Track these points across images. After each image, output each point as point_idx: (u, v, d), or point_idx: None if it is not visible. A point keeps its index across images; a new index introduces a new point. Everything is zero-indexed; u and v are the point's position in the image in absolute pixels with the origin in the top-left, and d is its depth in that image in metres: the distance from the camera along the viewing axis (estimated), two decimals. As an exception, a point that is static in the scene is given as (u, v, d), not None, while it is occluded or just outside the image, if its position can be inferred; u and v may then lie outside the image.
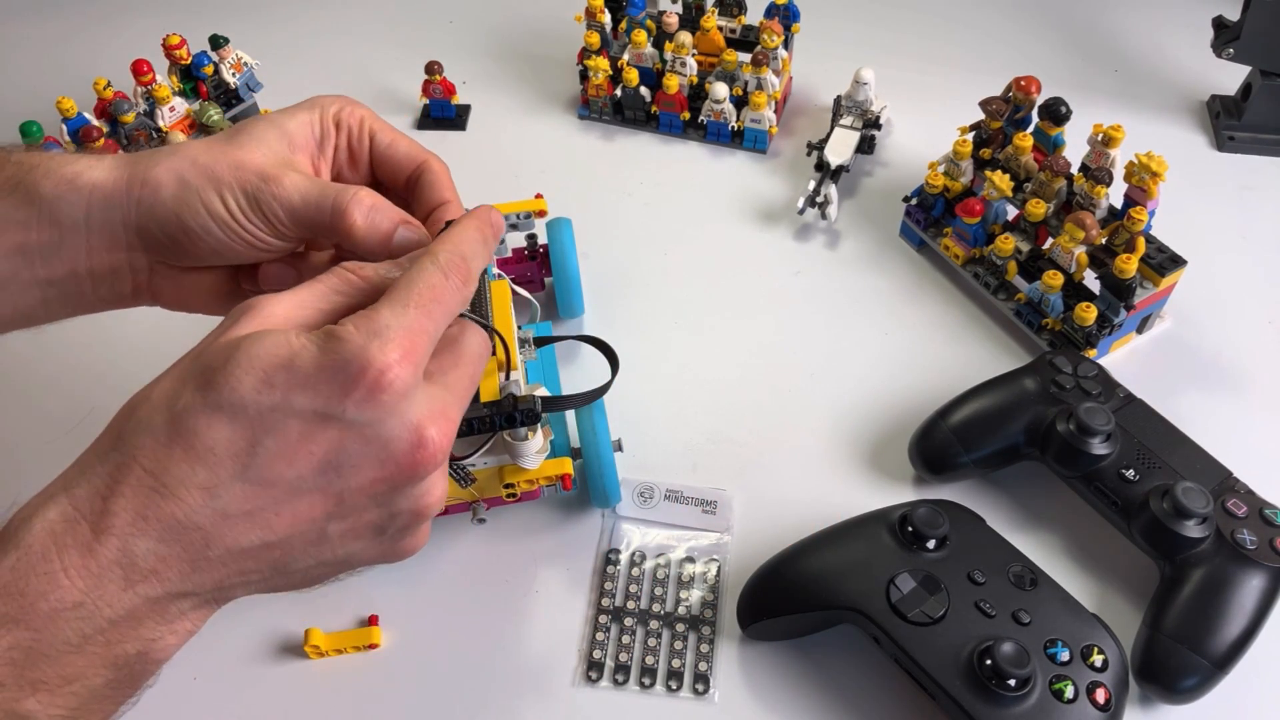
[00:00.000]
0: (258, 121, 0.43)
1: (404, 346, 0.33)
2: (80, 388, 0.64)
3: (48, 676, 0.31)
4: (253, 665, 0.53)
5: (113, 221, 0.41)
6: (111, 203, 0.41)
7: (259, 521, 0.33)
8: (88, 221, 0.41)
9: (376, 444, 0.33)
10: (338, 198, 0.40)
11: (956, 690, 0.46)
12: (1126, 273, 0.60)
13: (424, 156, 0.45)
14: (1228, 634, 0.49)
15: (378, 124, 0.44)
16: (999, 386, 0.59)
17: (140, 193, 0.41)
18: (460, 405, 0.37)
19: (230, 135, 0.42)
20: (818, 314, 0.70)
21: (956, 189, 0.69)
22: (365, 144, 0.44)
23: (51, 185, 0.41)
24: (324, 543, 0.35)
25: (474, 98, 0.85)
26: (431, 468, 0.35)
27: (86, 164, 0.42)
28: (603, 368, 0.49)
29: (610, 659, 0.53)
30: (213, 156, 0.41)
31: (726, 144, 0.81)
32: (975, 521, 0.53)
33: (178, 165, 0.41)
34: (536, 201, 0.65)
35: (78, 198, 0.41)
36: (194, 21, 0.85)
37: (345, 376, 0.32)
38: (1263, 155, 0.79)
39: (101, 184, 0.41)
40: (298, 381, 0.32)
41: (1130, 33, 0.91)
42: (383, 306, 0.35)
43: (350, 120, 0.44)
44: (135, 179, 0.41)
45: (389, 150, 0.44)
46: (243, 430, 0.32)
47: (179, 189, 0.40)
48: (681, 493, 0.59)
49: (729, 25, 0.81)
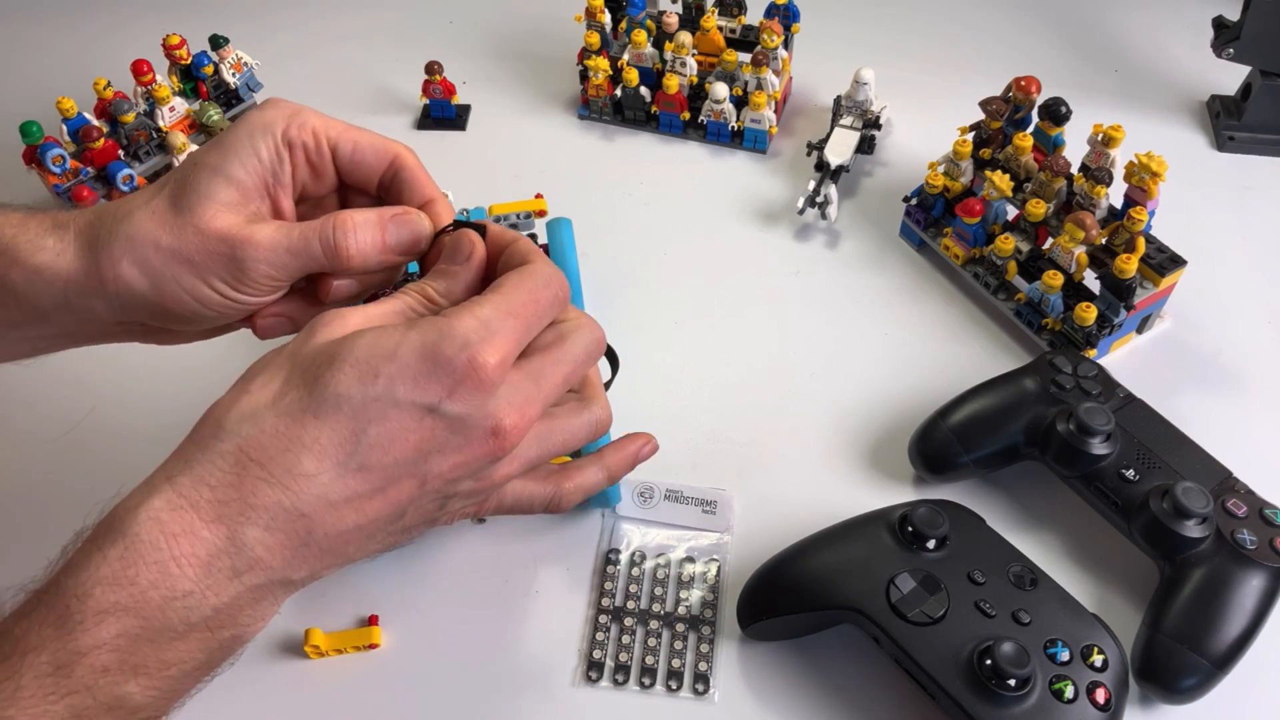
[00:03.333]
0: (199, 174, 0.40)
1: (503, 351, 0.35)
2: (80, 388, 0.64)
3: (150, 662, 0.32)
4: (253, 665, 0.53)
5: (94, 309, 0.41)
6: (88, 293, 0.40)
7: (357, 507, 0.34)
8: (68, 304, 0.41)
9: (462, 434, 0.35)
10: (323, 238, 0.40)
11: (956, 690, 0.46)
12: (1126, 273, 0.60)
13: (392, 152, 0.43)
14: (1228, 634, 0.49)
15: (334, 130, 0.42)
16: (999, 386, 0.59)
17: (115, 288, 0.40)
18: (546, 397, 0.38)
19: (174, 198, 0.39)
20: (818, 314, 0.70)
21: (956, 189, 0.69)
22: (326, 156, 0.42)
23: (21, 275, 0.40)
24: (401, 521, 0.37)
25: (474, 98, 0.85)
26: (502, 454, 0.36)
27: (51, 254, 0.40)
28: (603, 368, 0.49)
29: (610, 659, 0.53)
30: (172, 235, 0.39)
31: (726, 144, 0.81)
32: (975, 521, 0.53)
33: (141, 256, 0.39)
34: (536, 201, 0.65)
35: (51, 290, 0.40)
36: (194, 22, 0.85)
37: (448, 373, 0.34)
38: (1263, 155, 0.79)
39: (73, 279, 0.40)
40: (400, 371, 0.34)
41: (1130, 33, 0.91)
42: (487, 305, 0.36)
43: (303, 136, 0.41)
44: (106, 277, 0.39)
45: (354, 157, 0.43)
46: (348, 420, 0.33)
47: (154, 281, 0.39)
48: (681, 493, 0.59)
49: (729, 25, 0.81)
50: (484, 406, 0.35)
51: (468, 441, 0.36)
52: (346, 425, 0.33)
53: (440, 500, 0.38)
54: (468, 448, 0.36)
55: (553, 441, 0.41)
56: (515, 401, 0.36)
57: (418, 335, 0.34)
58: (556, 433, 0.41)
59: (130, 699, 0.32)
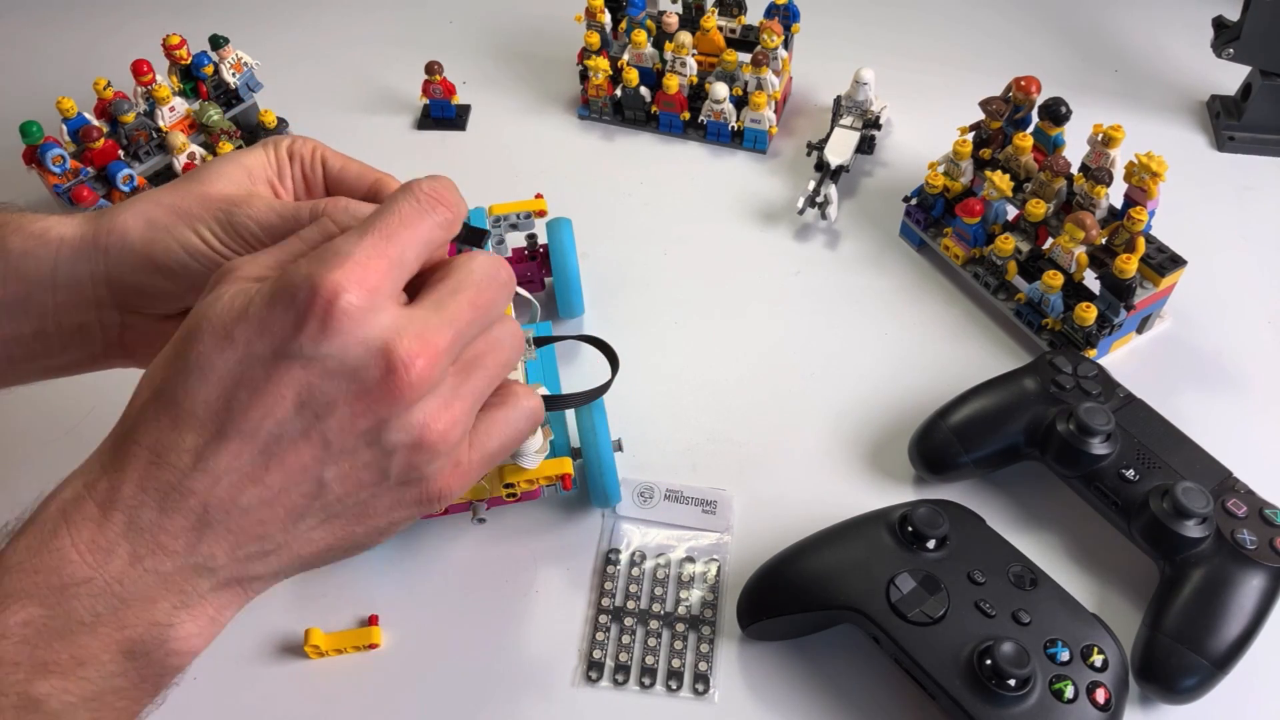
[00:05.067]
0: (218, 159, 0.43)
1: (356, 270, 0.32)
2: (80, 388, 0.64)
3: (60, 658, 0.31)
4: (253, 665, 0.53)
5: (80, 276, 0.41)
6: (79, 256, 0.40)
7: (250, 476, 0.32)
8: (54, 277, 0.41)
9: (343, 376, 0.32)
10: (314, 208, 0.40)
11: (956, 690, 0.46)
12: (1126, 273, 0.60)
13: (375, 175, 0.44)
14: (1228, 634, 0.49)
15: (328, 152, 0.44)
16: (999, 386, 0.59)
17: (107, 240, 0.40)
18: (451, 327, 0.34)
19: (192, 174, 0.42)
20: (817, 314, 0.70)
21: (956, 189, 0.69)
22: (318, 171, 0.44)
23: (20, 241, 0.41)
24: (325, 493, 0.34)
25: (474, 98, 0.85)
26: (411, 392, 0.32)
27: (56, 220, 0.41)
28: (602, 367, 0.49)
29: (610, 659, 0.53)
30: (178, 195, 0.40)
31: (726, 144, 0.81)
32: (975, 521, 0.53)
33: (144, 209, 0.40)
34: (536, 201, 0.65)
35: (45, 252, 0.40)
36: (194, 22, 0.85)
37: (294, 310, 0.31)
38: (1263, 155, 0.79)
39: (69, 238, 0.41)
40: (254, 328, 0.32)
41: (1130, 33, 0.90)
42: (339, 238, 0.33)
43: (302, 151, 0.43)
44: (101, 229, 0.40)
45: (340, 174, 0.44)
46: (216, 388, 0.32)
47: (147, 230, 0.40)
48: (681, 493, 0.59)
49: (729, 25, 0.81)
50: (355, 335, 0.31)
51: (356, 381, 0.32)
52: (216, 393, 0.32)
53: (378, 467, 0.34)
54: (361, 390, 0.32)
55: (492, 440, 0.37)
56: (410, 329, 0.32)
57: (269, 283, 0.32)
58: (495, 428, 0.37)
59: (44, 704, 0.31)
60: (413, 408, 0.33)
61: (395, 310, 0.33)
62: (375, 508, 0.35)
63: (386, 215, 0.34)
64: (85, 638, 0.31)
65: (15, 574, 0.31)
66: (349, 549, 0.36)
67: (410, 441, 0.34)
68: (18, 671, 0.30)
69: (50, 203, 0.72)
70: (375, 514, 0.35)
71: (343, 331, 0.31)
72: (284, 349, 0.31)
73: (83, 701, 0.32)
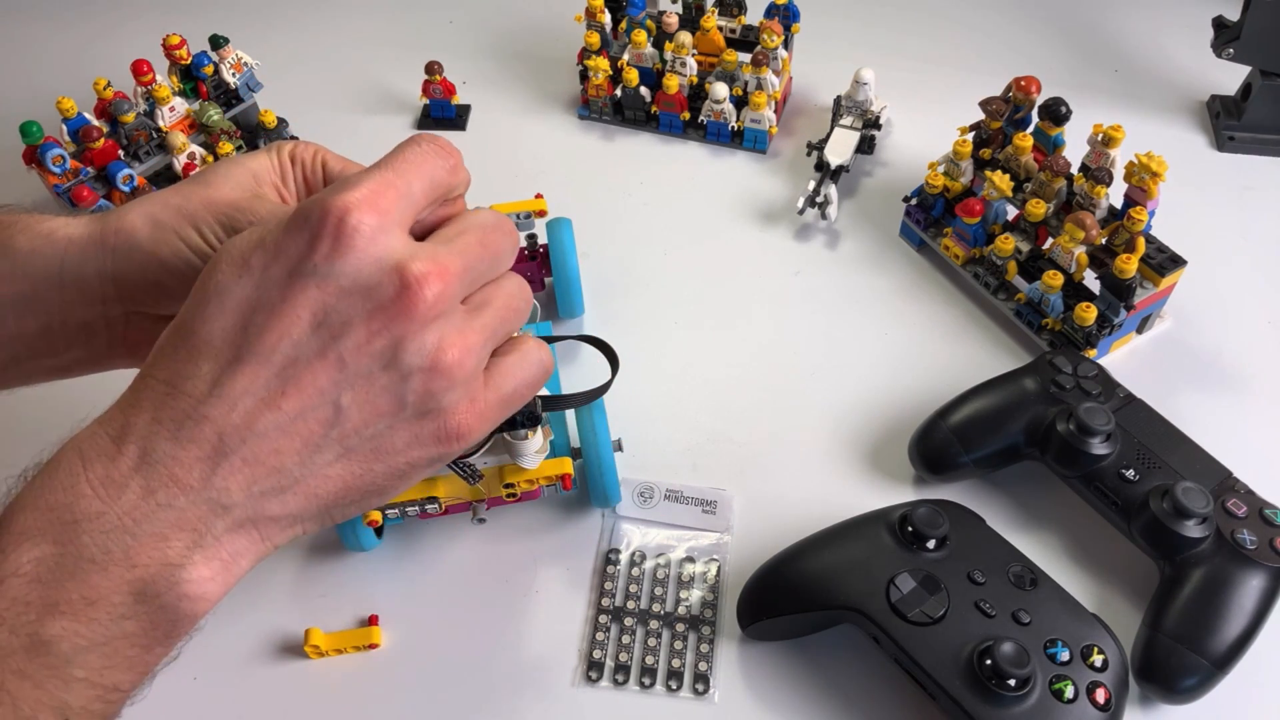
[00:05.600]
0: (222, 162, 0.43)
1: (367, 194, 0.32)
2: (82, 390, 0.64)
3: (70, 597, 0.31)
4: (253, 665, 0.53)
5: (87, 274, 0.41)
6: (86, 254, 0.41)
7: (266, 401, 0.32)
8: (61, 274, 0.41)
9: (359, 294, 0.32)
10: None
11: (956, 690, 0.46)
12: (1126, 273, 0.60)
13: None
14: (1228, 634, 0.49)
15: (330, 156, 0.44)
16: (999, 386, 0.59)
17: (115, 240, 0.41)
18: (462, 258, 0.34)
19: (197, 177, 0.43)
20: (817, 314, 0.70)
21: (956, 189, 0.69)
22: (319, 174, 0.44)
23: (27, 240, 0.41)
24: (343, 420, 0.33)
25: (474, 98, 0.85)
26: (426, 309, 0.33)
27: (63, 221, 0.42)
28: (603, 368, 0.49)
29: (610, 659, 0.53)
30: (183, 196, 0.41)
31: (726, 144, 0.81)
32: (975, 521, 0.53)
33: (150, 209, 0.41)
34: (536, 202, 0.65)
35: (52, 250, 0.41)
36: (194, 22, 0.85)
37: (308, 231, 0.32)
38: (1263, 155, 0.79)
39: (77, 237, 0.41)
40: (270, 254, 0.32)
41: (1130, 33, 0.91)
42: (349, 176, 0.34)
43: (304, 155, 0.44)
44: (109, 229, 0.41)
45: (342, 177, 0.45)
46: (232, 315, 0.32)
47: (153, 230, 0.40)
48: (681, 493, 0.59)
49: (729, 25, 0.81)
50: (369, 252, 0.32)
51: (371, 299, 0.32)
52: (233, 318, 0.32)
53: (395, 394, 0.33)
54: (377, 307, 0.32)
55: (507, 382, 0.37)
56: (422, 252, 0.33)
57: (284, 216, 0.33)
58: (509, 370, 0.37)
59: (55, 645, 0.30)
60: (427, 328, 0.33)
61: (406, 236, 0.34)
62: (393, 443, 0.34)
63: (393, 155, 0.35)
64: (96, 576, 0.31)
65: (29, 512, 0.31)
66: (367, 493, 0.35)
67: (426, 364, 0.33)
68: (29, 611, 0.30)
69: (51, 203, 0.72)
70: (393, 450, 0.35)
71: (356, 249, 0.32)
72: (299, 269, 0.32)
73: (93, 645, 0.31)
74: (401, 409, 0.34)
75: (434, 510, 0.52)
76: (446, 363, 0.34)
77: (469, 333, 0.35)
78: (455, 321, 0.34)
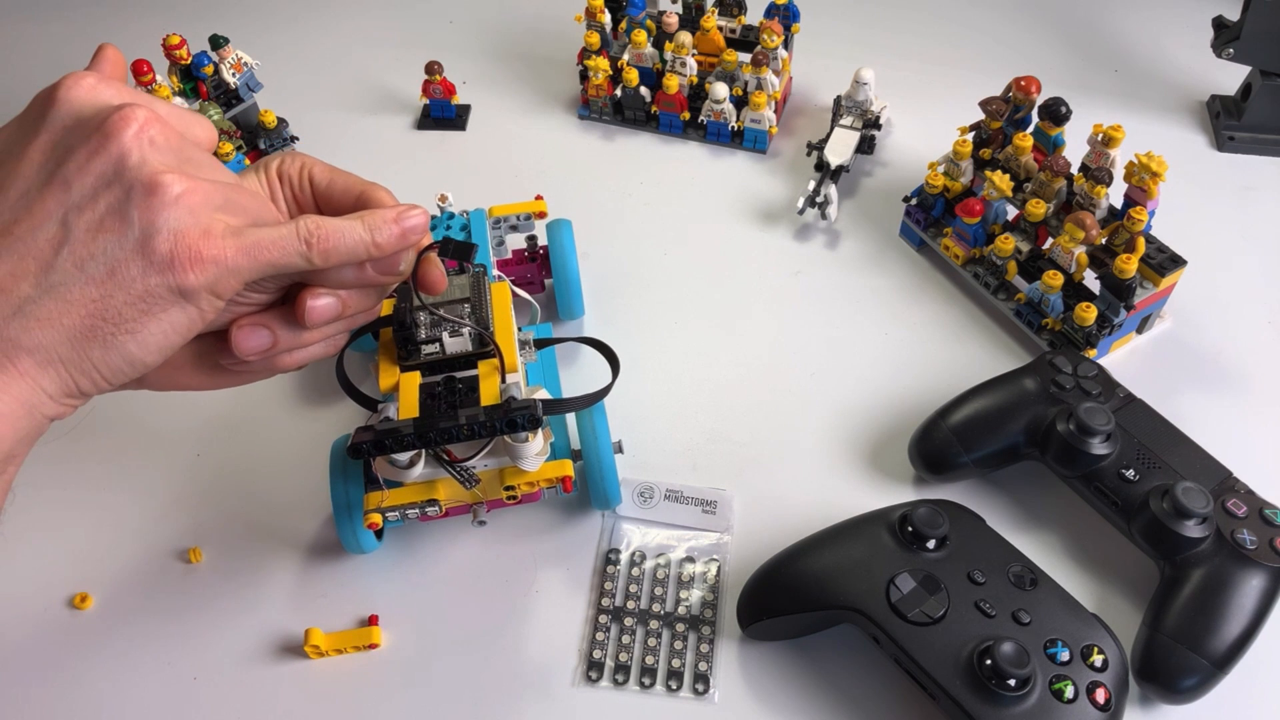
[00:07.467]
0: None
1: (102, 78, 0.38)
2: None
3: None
4: (253, 665, 0.53)
5: None
6: None
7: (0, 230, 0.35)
8: None
9: (78, 127, 0.36)
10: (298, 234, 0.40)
11: (956, 690, 0.46)
12: (1126, 273, 0.60)
13: (362, 186, 0.45)
14: (1228, 634, 0.49)
15: (316, 168, 0.45)
16: (999, 386, 0.59)
17: None
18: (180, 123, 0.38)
19: None
20: (817, 314, 0.70)
21: (956, 189, 0.69)
22: (307, 186, 0.44)
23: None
24: (72, 239, 0.35)
25: (474, 98, 0.85)
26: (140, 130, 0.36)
27: None
28: (603, 368, 0.49)
29: (610, 659, 0.53)
30: None
31: (726, 144, 0.81)
32: (975, 521, 0.53)
33: None
34: (536, 203, 0.65)
35: None
36: (194, 21, 0.85)
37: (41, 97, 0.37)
38: (1263, 155, 0.79)
39: None
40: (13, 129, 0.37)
41: (1130, 33, 0.91)
42: None
43: (290, 170, 0.44)
44: None
45: (328, 189, 0.44)
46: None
47: None
48: (681, 493, 0.59)
49: (729, 25, 0.81)
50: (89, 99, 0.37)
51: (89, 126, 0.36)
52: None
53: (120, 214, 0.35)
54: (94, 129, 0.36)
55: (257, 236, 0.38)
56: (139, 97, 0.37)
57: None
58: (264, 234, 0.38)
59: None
60: (148, 154, 0.36)
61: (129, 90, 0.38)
62: (127, 268, 0.35)
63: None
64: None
65: None
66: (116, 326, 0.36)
67: (146, 180, 0.35)
68: None
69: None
70: (128, 277, 0.35)
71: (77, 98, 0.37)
72: (33, 125, 0.37)
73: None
74: (128, 227, 0.35)
75: (434, 513, 0.52)
76: (166, 183, 0.36)
77: (202, 179, 0.37)
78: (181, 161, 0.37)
